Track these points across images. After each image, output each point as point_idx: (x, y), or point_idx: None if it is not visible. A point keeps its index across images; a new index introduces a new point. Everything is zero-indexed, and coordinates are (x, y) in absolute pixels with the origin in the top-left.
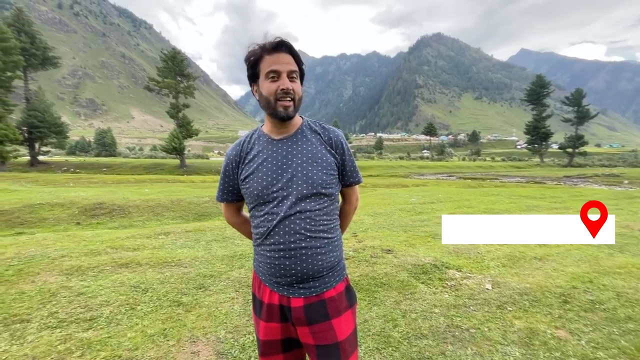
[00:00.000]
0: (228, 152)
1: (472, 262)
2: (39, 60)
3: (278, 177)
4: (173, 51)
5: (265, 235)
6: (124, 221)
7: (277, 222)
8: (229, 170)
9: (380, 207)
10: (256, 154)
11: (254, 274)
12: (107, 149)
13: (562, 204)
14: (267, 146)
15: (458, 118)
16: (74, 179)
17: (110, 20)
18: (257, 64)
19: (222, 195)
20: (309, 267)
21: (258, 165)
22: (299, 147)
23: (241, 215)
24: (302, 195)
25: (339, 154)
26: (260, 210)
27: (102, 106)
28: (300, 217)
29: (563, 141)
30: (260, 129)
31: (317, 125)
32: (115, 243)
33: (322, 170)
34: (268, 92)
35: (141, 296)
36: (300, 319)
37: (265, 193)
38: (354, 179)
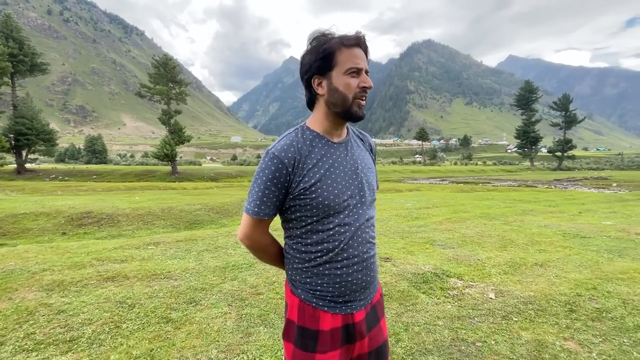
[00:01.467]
0: (278, 155)
1: (473, 269)
2: (27, 66)
3: (346, 184)
4: (165, 57)
5: (338, 251)
6: (113, 230)
7: (352, 233)
8: (281, 177)
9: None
10: (319, 157)
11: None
12: (97, 156)
13: (556, 208)
14: (328, 150)
15: (449, 123)
16: (62, 187)
17: (101, 27)
18: (333, 55)
19: (263, 208)
20: (372, 275)
21: (325, 171)
22: (355, 151)
23: (269, 234)
24: (369, 202)
25: (374, 160)
26: (328, 223)
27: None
28: (369, 225)
29: (552, 145)
30: (309, 129)
31: (357, 131)
32: (101, 254)
33: (374, 176)
34: (347, 89)
35: (127, 313)
36: (362, 331)
37: (337, 202)
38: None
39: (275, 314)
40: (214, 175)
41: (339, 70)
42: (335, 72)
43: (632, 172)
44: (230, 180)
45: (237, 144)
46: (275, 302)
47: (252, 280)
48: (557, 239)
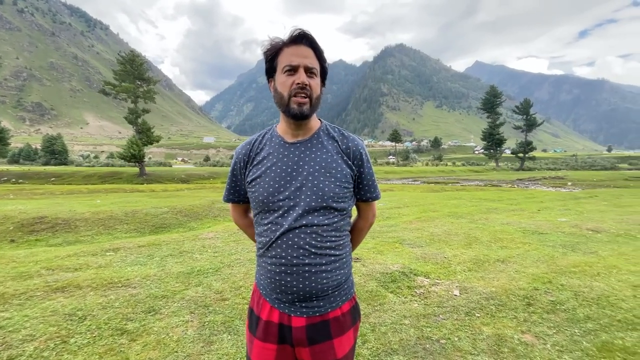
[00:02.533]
0: (237, 150)
1: (439, 267)
2: None
3: (286, 184)
4: (131, 54)
5: (267, 247)
6: (69, 237)
7: (280, 234)
8: (237, 170)
9: None
10: (266, 155)
11: (254, 286)
12: (56, 157)
13: (517, 206)
14: (278, 149)
15: (421, 125)
16: (14, 191)
17: (60, 19)
18: (275, 57)
19: (228, 195)
20: (312, 286)
21: (266, 169)
22: (313, 153)
23: (248, 217)
24: (310, 208)
25: (357, 165)
26: (264, 219)
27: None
28: (305, 232)
29: (515, 147)
30: (275, 128)
31: (336, 131)
32: (52, 263)
33: (335, 182)
34: (282, 87)
35: (77, 326)
36: (302, 339)
37: (271, 201)
38: (372, 195)
39: (240, 320)
40: (185, 176)
41: (279, 70)
42: (277, 74)
43: (584, 172)
44: (202, 182)
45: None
46: (241, 308)
47: (217, 285)
48: (517, 236)
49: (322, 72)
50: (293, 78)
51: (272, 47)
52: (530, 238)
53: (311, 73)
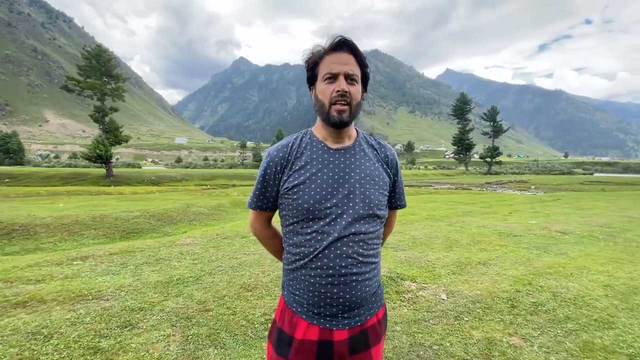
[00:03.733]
0: (271, 153)
1: (424, 271)
2: None
3: (334, 191)
4: (98, 48)
5: (312, 257)
6: (28, 244)
7: (328, 243)
8: (271, 175)
9: None
10: (308, 160)
11: (282, 304)
12: (11, 157)
13: (491, 209)
14: (322, 154)
15: (395, 129)
16: None
17: (17, 9)
18: (316, 65)
19: (257, 201)
20: (358, 295)
21: (311, 174)
22: (357, 161)
23: (272, 227)
24: (359, 216)
25: (393, 174)
26: (306, 227)
27: (6, 107)
28: (354, 240)
29: (483, 152)
30: (312, 132)
31: (373, 140)
32: (9, 274)
33: (379, 189)
34: (323, 95)
35: (42, 346)
36: (343, 352)
37: (318, 208)
38: (401, 202)
39: (226, 332)
40: (156, 178)
41: (320, 78)
42: (318, 81)
43: (545, 176)
44: (174, 184)
45: (182, 145)
46: (227, 319)
47: (199, 295)
48: (494, 238)
49: (364, 77)
50: (333, 86)
51: (313, 55)
52: (506, 240)
53: (352, 80)
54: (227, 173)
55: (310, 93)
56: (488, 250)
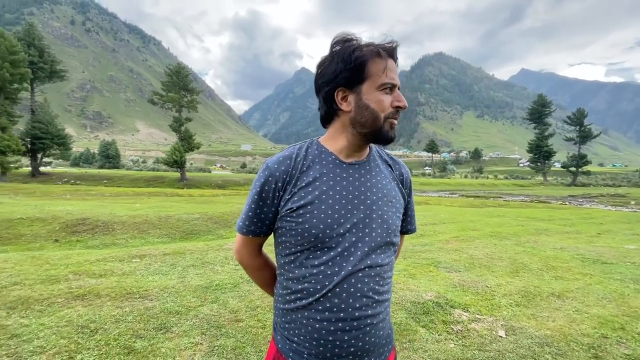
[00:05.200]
0: (270, 165)
1: (480, 299)
2: (46, 73)
3: (347, 213)
4: (178, 66)
5: (319, 297)
6: (106, 239)
7: (341, 278)
8: (269, 192)
9: None
10: (317, 176)
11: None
12: (110, 161)
13: (573, 227)
14: (333, 169)
15: (460, 135)
16: (71, 191)
17: (120, 37)
18: (365, 65)
19: (249, 225)
20: (371, 341)
21: (321, 193)
22: (373, 178)
23: (262, 255)
24: (376, 244)
25: (407, 194)
26: (313, 258)
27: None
28: (370, 274)
29: (566, 160)
30: (320, 143)
31: (386, 155)
32: (81, 267)
33: (396, 212)
34: (380, 106)
35: (87, 340)
36: None
37: (329, 235)
38: (412, 227)
39: (252, 347)
40: (222, 182)
41: (372, 84)
42: (366, 86)
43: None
44: (237, 188)
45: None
46: (255, 332)
47: (233, 303)
48: (575, 264)
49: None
50: (391, 98)
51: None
52: (591, 268)
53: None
54: None
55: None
56: (565, 279)
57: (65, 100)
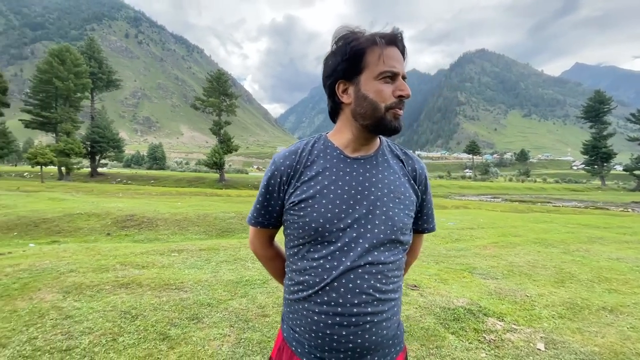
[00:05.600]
0: (276, 160)
1: (518, 308)
2: (104, 82)
3: (349, 208)
4: (218, 72)
5: (318, 290)
6: (150, 234)
7: (339, 273)
8: (275, 186)
9: None
10: (320, 170)
11: (279, 341)
12: (157, 163)
13: (634, 236)
14: (336, 164)
15: (504, 136)
16: (123, 190)
17: (167, 47)
18: (363, 55)
19: (257, 216)
20: (372, 340)
21: (322, 187)
22: (380, 173)
23: (274, 246)
24: (378, 241)
25: (421, 191)
26: (314, 251)
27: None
28: (370, 271)
29: (629, 162)
30: (327, 137)
31: (399, 150)
32: (126, 259)
33: (404, 209)
34: (379, 96)
35: (128, 324)
36: None
37: (329, 229)
38: (429, 226)
39: None
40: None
41: (370, 73)
42: (364, 77)
43: None
44: None
45: None
46: None
47: (261, 299)
48: (633, 277)
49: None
50: (392, 87)
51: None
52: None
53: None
54: None
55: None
56: (621, 293)
57: (119, 107)
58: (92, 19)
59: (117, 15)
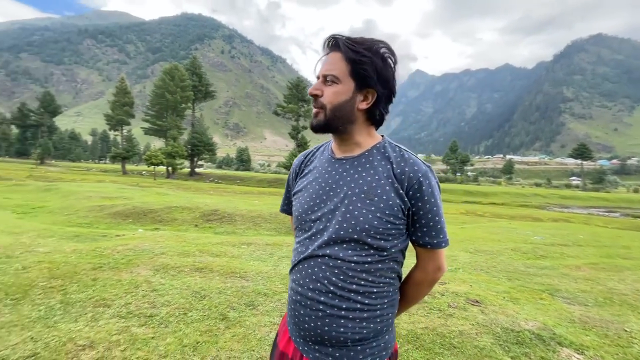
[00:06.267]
0: (295, 160)
1: (609, 343)
2: (202, 94)
3: (320, 203)
4: (297, 80)
5: (292, 268)
6: (229, 228)
7: (302, 258)
8: (290, 179)
9: (486, 243)
10: (312, 169)
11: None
12: (243, 164)
13: None
14: (324, 163)
15: (628, 137)
16: (214, 188)
17: (255, 59)
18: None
19: (282, 205)
20: (326, 330)
21: (308, 183)
22: (357, 173)
23: None
24: (338, 237)
25: (412, 197)
26: (298, 235)
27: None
28: (327, 264)
29: None
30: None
31: (396, 151)
32: (205, 247)
33: (376, 212)
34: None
35: (197, 303)
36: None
37: (304, 219)
38: (431, 240)
39: None
40: None
41: None
42: None
43: None
44: None
45: None
46: None
47: None
48: None
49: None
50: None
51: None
52: None
53: (328, 80)
54: None
55: None
56: None
57: (214, 114)
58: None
59: (215, 35)
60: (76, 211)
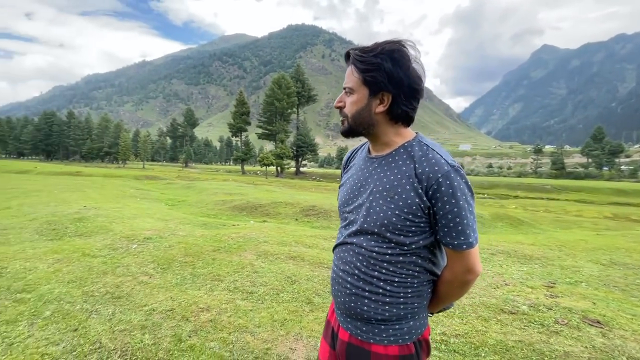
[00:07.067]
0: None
1: None
2: (305, 99)
3: (353, 198)
4: None
5: (334, 248)
6: (325, 222)
7: (339, 242)
8: (342, 172)
9: (631, 255)
10: (352, 165)
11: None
12: None
13: None
14: (361, 161)
15: None
16: (315, 186)
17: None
18: None
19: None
20: (352, 306)
21: (347, 178)
22: (382, 172)
23: None
24: (362, 230)
25: (431, 197)
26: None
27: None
28: (354, 250)
29: None
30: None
31: (422, 150)
32: (300, 239)
33: (395, 209)
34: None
35: (288, 286)
36: (342, 354)
37: (342, 209)
38: (452, 241)
39: None
40: None
41: None
42: None
43: None
44: None
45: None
46: None
47: None
48: None
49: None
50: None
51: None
52: None
53: (347, 92)
54: (511, 182)
55: None
56: None
57: (316, 117)
58: (299, 49)
59: (316, 41)
60: (206, 204)
